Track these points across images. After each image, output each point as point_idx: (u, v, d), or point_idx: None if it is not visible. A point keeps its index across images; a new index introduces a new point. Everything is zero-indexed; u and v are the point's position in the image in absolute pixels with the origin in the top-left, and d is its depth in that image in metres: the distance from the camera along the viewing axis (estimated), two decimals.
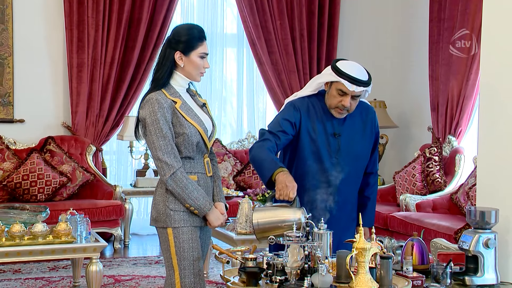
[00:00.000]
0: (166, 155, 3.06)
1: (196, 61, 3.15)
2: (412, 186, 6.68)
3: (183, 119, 3.11)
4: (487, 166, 3.49)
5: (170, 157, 3.06)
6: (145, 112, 3.10)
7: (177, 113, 3.11)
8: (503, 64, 3.40)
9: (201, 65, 3.17)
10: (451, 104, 6.92)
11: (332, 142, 3.38)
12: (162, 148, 3.06)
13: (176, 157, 3.09)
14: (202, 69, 3.19)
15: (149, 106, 3.09)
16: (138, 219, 7.50)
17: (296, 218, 3.00)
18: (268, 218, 3.08)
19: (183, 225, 3.12)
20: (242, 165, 7.45)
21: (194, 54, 3.14)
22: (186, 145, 3.12)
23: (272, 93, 7.79)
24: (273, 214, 3.09)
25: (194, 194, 3.09)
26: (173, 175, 3.06)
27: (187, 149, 3.13)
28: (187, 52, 3.13)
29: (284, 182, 3.07)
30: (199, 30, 3.18)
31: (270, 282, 2.84)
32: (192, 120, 3.13)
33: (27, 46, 7.04)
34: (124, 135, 7.01)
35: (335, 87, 3.28)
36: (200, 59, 3.16)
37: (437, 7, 7.13)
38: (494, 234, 3.16)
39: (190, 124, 3.12)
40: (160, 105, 3.08)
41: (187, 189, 3.07)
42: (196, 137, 3.13)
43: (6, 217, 4.76)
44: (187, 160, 3.15)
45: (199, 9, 7.78)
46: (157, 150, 3.07)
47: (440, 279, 3.09)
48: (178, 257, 3.12)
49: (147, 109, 3.09)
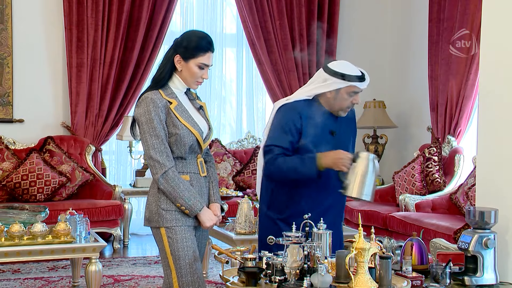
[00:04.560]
0: (159, 154, 3.08)
1: (193, 69, 3.15)
2: (411, 186, 6.68)
3: (176, 120, 3.12)
4: (486, 166, 3.49)
5: (162, 156, 3.08)
6: (139, 111, 3.12)
7: (171, 114, 3.12)
8: (503, 64, 3.40)
9: (198, 74, 3.16)
10: (451, 104, 6.92)
11: (330, 140, 3.41)
12: (154, 147, 3.08)
13: (169, 156, 3.10)
14: (200, 78, 3.19)
15: (144, 105, 3.11)
16: (138, 219, 7.49)
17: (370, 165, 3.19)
18: (363, 183, 3.19)
19: (175, 225, 3.12)
20: (242, 165, 7.45)
21: (193, 63, 3.14)
22: (178, 145, 3.13)
23: (271, 93, 7.79)
24: (360, 177, 3.20)
25: (185, 193, 3.09)
26: (164, 174, 3.07)
27: (179, 149, 3.14)
28: (186, 58, 3.14)
29: (333, 160, 3.21)
30: (207, 41, 3.16)
31: (270, 282, 2.84)
32: (185, 121, 3.14)
33: (27, 46, 7.04)
34: (124, 135, 7.01)
35: (345, 90, 3.32)
36: (198, 68, 3.15)
37: (437, 7, 7.13)
38: (493, 234, 3.16)
39: (183, 125, 3.13)
40: (155, 104, 3.09)
41: (178, 188, 3.08)
42: (189, 139, 3.14)
43: (6, 217, 4.76)
44: (179, 160, 3.16)
45: (199, 9, 7.78)
46: (149, 148, 3.09)
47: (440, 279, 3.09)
48: (173, 256, 3.12)
49: (142, 108, 3.11)
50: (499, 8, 3.43)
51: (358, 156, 3.21)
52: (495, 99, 3.44)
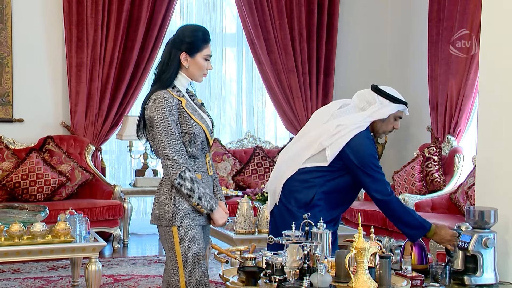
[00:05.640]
0: (175, 153, 3.07)
1: (200, 63, 3.17)
2: (411, 186, 6.68)
3: (189, 117, 3.13)
4: (486, 165, 3.49)
5: (179, 156, 3.07)
6: (152, 111, 3.09)
7: (184, 112, 3.12)
8: (502, 64, 3.40)
9: (204, 66, 3.19)
10: (450, 103, 6.92)
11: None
12: (171, 146, 3.07)
13: (185, 155, 3.10)
14: (205, 70, 3.22)
15: (157, 104, 3.08)
16: (137, 218, 7.49)
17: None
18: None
19: (188, 224, 3.12)
20: (241, 165, 7.45)
21: (199, 56, 3.17)
22: (192, 144, 3.13)
23: (271, 93, 7.79)
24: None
25: (202, 192, 3.10)
26: (182, 174, 3.06)
27: (192, 147, 3.14)
28: (193, 54, 3.16)
29: (443, 240, 3.34)
30: (204, 32, 3.20)
31: (269, 282, 2.84)
32: (197, 118, 3.16)
33: (26, 45, 7.04)
34: (123, 135, 7.01)
35: (394, 115, 3.50)
36: (204, 61, 3.19)
37: (436, 7, 7.13)
38: (493, 233, 3.16)
39: (195, 122, 3.14)
40: (168, 103, 3.08)
41: (195, 187, 3.08)
42: (201, 136, 3.15)
43: (5, 217, 4.76)
44: (192, 159, 3.16)
45: (198, 9, 7.78)
46: (166, 148, 3.07)
47: (439, 279, 3.09)
48: (183, 255, 3.12)
49: (155, 108, 3.08)
50: (499, 7, 3.43)
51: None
52: (494, 99, 3.45)
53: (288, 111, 7.77)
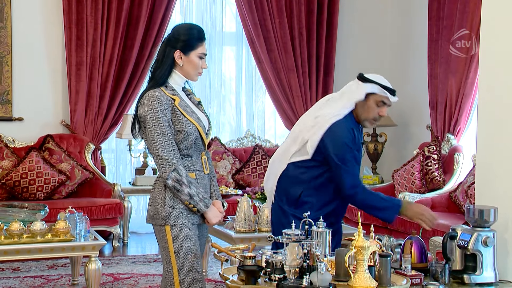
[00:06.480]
0: (167, 152, 3.07)
1: (195, 61, 3.17)
2: (411, 185, 6.68)
3: (182, 116, 3.12)
4: (485, 164, 3.49)
5: (170, 154, 3.07)
6: (144, 109, 3.10)
7: (176, 110, 3.12)
8: (502, 63, 3.40)
9: (199, 65, 3.19)
10: (450, 102, 6.92)
11: (360, 155, 3.54)
12: (162, 145, 3.07)
13: (176, 154, 3.09)
14: (200, 69, 3.21)
15: (149, 103, 3.09)
16: (137, 217, 7.49)
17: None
18: None
19: (181, 223, 3.12)
20: (241, 164, 7.45)
21: (194, 54, 3.16)
22: (185, 142, 3.13)
23: (271, 92, 7.79)
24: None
25: (194, 191, 3.09)
26: (173, 172, 3.06)
27: (186, 146, 3.14)
28: (187, 52, 3.15)
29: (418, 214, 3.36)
30: (199, 30, 3.20)
31: (269, 280, 2.84)
32: (190, 117, 3.15)
33: (26, 44, 7.04)
34: (123, 133, 7.01)
35: (374, 99, 3.40)
36: (199, 59, 3.18)
37: (436, 6, 7.13)
38: (492, 232, 3.16)
39: (188, 121, 3.13)
40: (160, 102, 3.08)
41: (187, 186, 3.08)
42: (195, 134, 3.15)
43: (5, 216, 4.76)
44: (185, 158, 3.16)
45: (198, 8, 7.78)
46: (157, 147, 3.07)
47: (439, 277, 3.09)
48: (176, 254, 3.11)
49: (147, 106, 3.09)
50: (498, 6, 3.43)
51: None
52: (494, 97, 3.45)
53: (288, 110, 7.77)
